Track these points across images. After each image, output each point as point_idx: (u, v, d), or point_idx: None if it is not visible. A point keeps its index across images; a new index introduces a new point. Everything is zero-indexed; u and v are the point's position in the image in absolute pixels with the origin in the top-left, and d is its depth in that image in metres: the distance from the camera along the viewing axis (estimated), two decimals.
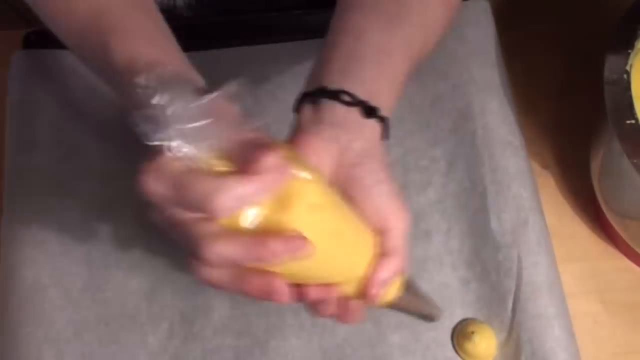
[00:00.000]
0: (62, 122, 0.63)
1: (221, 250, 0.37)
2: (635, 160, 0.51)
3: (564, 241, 0.62)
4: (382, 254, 0.45)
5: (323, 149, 0.44)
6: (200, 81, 0.44)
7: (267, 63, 0.67)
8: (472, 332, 0.55)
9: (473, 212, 0.60)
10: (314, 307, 0.45)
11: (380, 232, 0.45)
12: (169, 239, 0.39)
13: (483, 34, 0.65)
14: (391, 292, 0.46)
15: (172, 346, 0.57)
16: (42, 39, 0.67)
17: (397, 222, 0.45)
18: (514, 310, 0.56)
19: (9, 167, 0.62)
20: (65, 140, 0.63)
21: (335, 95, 0.46)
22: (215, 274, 0.39)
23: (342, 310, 0.45)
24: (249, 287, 0.39)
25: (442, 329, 0.57)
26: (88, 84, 0.65)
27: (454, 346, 0.57)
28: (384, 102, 0.48)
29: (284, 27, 0.69)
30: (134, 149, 0.64)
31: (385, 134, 0.47)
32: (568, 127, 0.66)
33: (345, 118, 0.46)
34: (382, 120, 0.47)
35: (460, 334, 0.56)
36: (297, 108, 0.47)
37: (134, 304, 0.58)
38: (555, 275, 0.57)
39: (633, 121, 0.52)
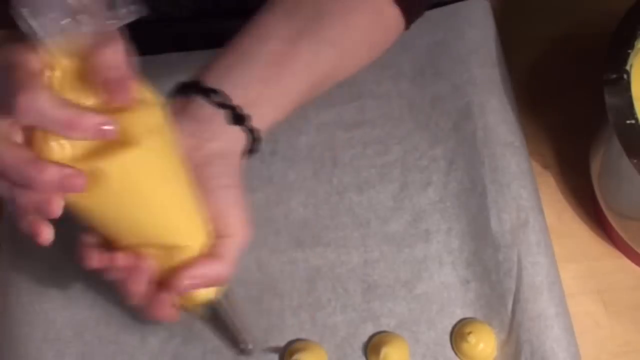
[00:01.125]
0: None
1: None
2: (635, 160, 0.50)
3: (564, 241, 0.62)
4: (208, 254, 0.43)
5: (182, 133, 0.43)
6: None
7: None
8: (469, 333, 0.55)
9: (473, 212, 0.60)
10: (122, 282, 0.43)
11: (217, 237, 0.44)
12: None
13: (483, 33, 0.65)
14: (202, 294, 0.44)
15: (172, 346, 0.57)
16: None
17: (236, 232, 0.44)
18: (513, 310, 0.56)
19: None
20: None
21: (207, 93, 0.45)
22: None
23: (151, 297, 0.43)
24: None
25: (442, 329, 0.57)
26: None
27: (452, 347, 0.57)
28: (263, 113, 0.46)
29: None
30: None
31: (254, 146, 0.46)
32: (568, 126, 0.66)
33: (210, 118, 0.45)
34: (252, 131, 0.46)
35: (457, 334, 0.56)
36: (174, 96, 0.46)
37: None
38: (555, 276, 0.57)
39: (633, 121, 0.52)
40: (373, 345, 0.56)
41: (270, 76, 0.47)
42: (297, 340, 0.57)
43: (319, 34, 0.49)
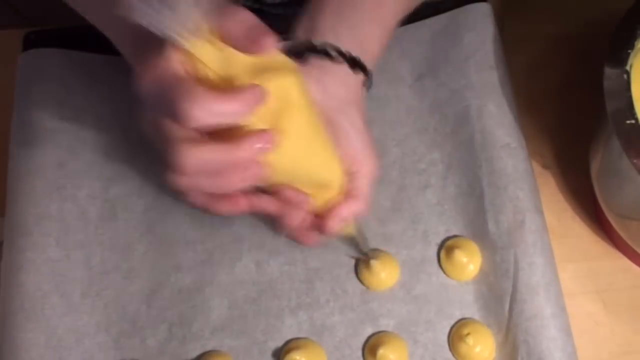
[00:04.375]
0: (62, 123, 0.63)
1: (198, 155, 0.39)
2: (635, 160, 0.50)
3: (564, 241, 0.61)
4: (347, 194, 0.49)
5: (309, 86, 0.46)
6: None
7: None
8: (467, 334, 0.55)
9: (471, 215, 0.60)
10: (282, 217, 0.49)
11: (349, 174, 0.49)
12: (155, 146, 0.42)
13: (481, 36, 0.65)
14: (345, 228, 0.53)
15: (170, 348, 0.57)
16: (42, 39, 0.67)
17: (365, 166, 0.50)
18: (510, 311, 0.56)
19: (11, 169, 0.62)
20: (64, 142, 0.63)
21: (323, 50, 0.48)
22: (189, 182, 0.42)
23: (301, 231, 0.51)
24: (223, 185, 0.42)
25: (440, 330, 0.57)
26: (89, 83, 0.65)
27: (450, 348, 0.57)
28: (371, 49, 0.51)
29: (283, 26, 0.69)
30: (134, 151, 0.65)
31: (369, 83, 0.51)
32: (568, 126, 0.66)
33: (331, 68, 0.49)
34: (367, 70, 0.50)
35: (455, 335, 0.56)
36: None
37: (134, 307, 0.58)
38: (553, 276, 0.57)
39: (633, 121, 0.51)
40: (371, 345, 0.56)
41: (374, 16, 0.51)
42: (296, 339, 0.57)
43: None
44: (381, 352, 0.54)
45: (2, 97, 0.67)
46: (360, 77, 0.50)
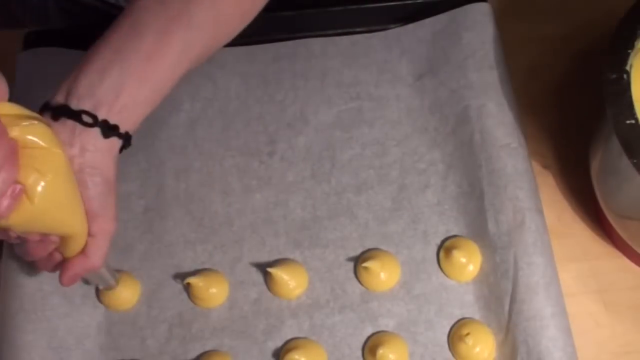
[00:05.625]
0: None
1: None
2: (635, 160, 0.50)
3: (564, 241, 0.61)
4: (82, 252, 0.50)
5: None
6: None
7: (267, 63, 0.66)
8: (467, 334, 0.55)
9: (472, 215, 0.60)
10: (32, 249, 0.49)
11: (89, 235, 0.49)
12: None
13: (480, 36, 0.65)
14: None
15: (170, 348, 0.57)
16: (42, 38, 0.67)
17: (103, 232, 0.50)
18: (510, 311, 0.56)
19: None
20: None
21: (77, 115, 0.47)
22: None
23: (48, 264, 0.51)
24: None
25: (440, 329, 0.57)
26: None
27: (450, 348, 0.57)
28: (135, 112, 0.49)
29: (283, 27, 0.69)
30: (134, 151, 0.65)
31: (126, 145, 0.50)
32: (568, 126, 0.66)
33: (82, 132, 0.47)
34: (122, 135, 0.49)
35: (455, 334, 0.56)
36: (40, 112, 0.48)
37: (134, 308, 0.58)
38: (553, 275, 0.57)
39: (633, 121, 0.51)
40: (371, 345, 0.56)
41: (143, 75, 0.49)
42: (296, 339, 0.57)
43: (190, 20, 0.50)
44: (381, 352, 0.54)
45: None
46: (114, 141, 0.49)
